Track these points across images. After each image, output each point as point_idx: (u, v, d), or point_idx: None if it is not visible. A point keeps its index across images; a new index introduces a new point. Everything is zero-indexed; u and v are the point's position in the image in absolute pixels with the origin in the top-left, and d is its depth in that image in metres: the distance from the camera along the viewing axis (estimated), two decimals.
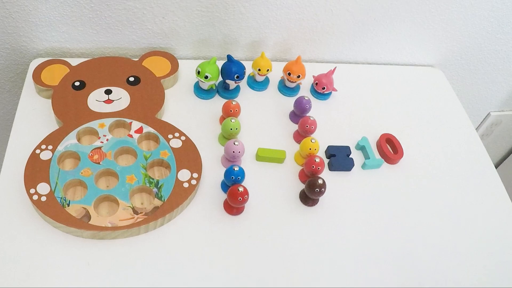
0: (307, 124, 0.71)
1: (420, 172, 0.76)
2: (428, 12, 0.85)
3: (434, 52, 0.95)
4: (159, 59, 0.80)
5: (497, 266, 0.67)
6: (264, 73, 0.79)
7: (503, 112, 1.16)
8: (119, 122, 0.70)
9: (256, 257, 0.61)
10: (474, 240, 0.69)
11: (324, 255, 0.63)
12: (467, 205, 0.73)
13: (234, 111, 0.71)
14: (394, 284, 0.62)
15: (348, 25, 0.85)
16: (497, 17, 0.89)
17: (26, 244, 0.58)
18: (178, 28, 0.81)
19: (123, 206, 0.61)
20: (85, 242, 0.59)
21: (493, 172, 0.79)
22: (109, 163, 0.65)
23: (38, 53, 0.81)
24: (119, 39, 0.81)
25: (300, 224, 0.66)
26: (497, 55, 0.98)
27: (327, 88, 0.81)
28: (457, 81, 1.03)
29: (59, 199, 0.60)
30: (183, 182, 0.64)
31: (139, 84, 0.75)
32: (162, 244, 0.60)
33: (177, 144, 0.68)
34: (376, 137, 0.78)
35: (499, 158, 1.32)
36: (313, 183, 0.64)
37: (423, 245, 0.67)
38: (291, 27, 0.84)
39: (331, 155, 0.73)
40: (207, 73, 0.74)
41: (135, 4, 0.75)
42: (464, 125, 0.86)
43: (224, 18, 0.80)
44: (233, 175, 0.63)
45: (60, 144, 0.66)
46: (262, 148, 0.71)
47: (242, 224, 0.64)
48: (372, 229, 0.67)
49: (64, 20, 0.76)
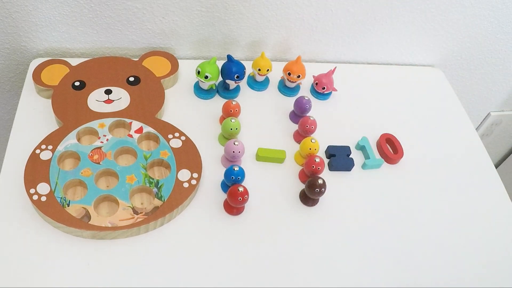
0: (307, 124, 0.71)
1: (420, 172, 0.76)
2: (428, 12, 0.85)
3: (434, 52, 0.95)
4: (159, 59, 0.80)
5: (497, 266, 0.67)
6: (264, 73, 0.79)
7: (503, 112, 1.16)
8: (119, 122, 0.70)
9: (256, 257, 0.61)
10: (474, 240, 0.69)
11: (324, 255, 0.63)
12: (467, 205, 0.73)
13: (234, 111, 0.71)
14: (394, 284, 0.62)
15: (348, 25, 0.85)
16: (497, 17, 0.89)
17: (26, 244, 0.58)
18: (178, 28, 0.81)
19: (123, 206, 0.61)
20: (85, 242, 0.59)
21: (493, 172, 0.79)
22: (109, 163, 0.65)
23: (38, 53, 0.81)
24: (119, 39, 0.81)
25: (300, 224, 0.66)
26: (497, 55, 0.98)
27: (327, 88, 0.81)
28: (457, 81, 1.03)
29: (59, 199, 0.60)
30: (183, 182, 0.64)
31: (139, 84, 0.75)
32: (162, 244, 0.60)
33: (177, 144, 0.68)
34: (376, 137, 0.78)
35: (499, 158, 1.32)
36: (313, 183, 0.64)
37: (423, 245, 0.67)
38: (291, 27, 0.84)
39: (331, 155, 0.73)
40: (207, 73, 0.74)
41: (135, 4, 0.75)
42: (464, 125, 0.86)
43: (224, 18, 0.80)
44: (233, 175, 0.63)
45: (60, 144, 0.66)
46: (262, 148, 0.71)
47: (242, 224, 0.64)
48: (372, 229, 0.67)
49: (64, 20, 0.76)
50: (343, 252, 0.64)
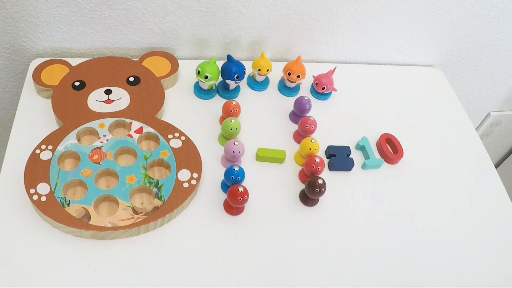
0: (307, 124, 0.71)
1: (420, 172, 0.76)
2: (428, 12, 0.85)
3: (434, 52, 0.95)
4: (159, 59, 0.80)
5: (497, 266, 0.67)
6: (264, 73, 0.79)
7: (503, 112, 1.16)
8: (119, 122, 0.70)
9: (256, 257, 0.61)
10: (474, 240, 0.69)
11: (324, 255, 0.63)
12: (467, 205, 0.73)
13: (234, 111, 0.71)
14: (394, 284, 0.62)
15: (348, 25, 0.85)
16: (497, 17, 0.89)
17: (26, 244, 0.58)
18: (178, 28, 0.81)
19: (123, 206, 0.61)
20: (85, 242, 0.59)
21: (493, 172, 0.79)
22: (109, 163, 0.65)
23: (38, 53, 0.81)
24: (119, 39, 0.81)
25: (300, 224, 0.66)
26: (497, 55, 0.98)
27: (327, 88, 0.81)
28: (457, 81, 1.03)
29: (59, 199, 0.60)
30: (183, 182, 0.64)
31: (139, 84, 0.75)
32: (162, 244, 0.60)
33: (177, 144, 0.68)
34: (376, 137, 0.78)
35: (499, 158, 1.32)
36: (313, 183, 0.64)
37: (423, 245, 0.67)
38: (291, 27, 0.84)
39: (331, 155, 0.73)
40: (207, 73, 0.74)
41: (135, 4, 0.75)
42: (464, 125, 0.86)
43: (224, 18, 0.80)
44: (233, 175, 0.63)
45: (60, 144, 0.66)
46: (262, 148, 0.71)
47: (242, 224, 0.64)
48: (372, 229, 0.67)
49: (64, 20, 0.76)
50: (343, 252, 0.64)
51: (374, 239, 0.66)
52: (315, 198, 0.67)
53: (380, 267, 0.63)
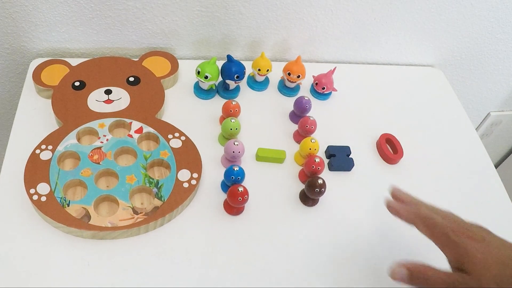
0: (307, 124, 0.71)
1: (420, 172, 0.75)
2: (428, 12, 0.85)
3: (434, 52, 0.95)
4: (159, 59, 0.80)
5: None
6: (264, 73, 0.79)
7: (503, 112, 1.16)
8: (119, 122, 0.70)
9: (256, 257, 0.61)
10: None
11: (324, 255, 0.63)
12: (467, 205, 0.73)
13: (234, 111, 0.71)
14: (395, 284, 0.62)
15: (348, 25, 0.85)
16: (497, 17, 0.89)
17: (26, 244, 0.58)
18: (178, 28, 0.81)
19: (123, 206, 0.61)
20: (85, 242, 0.59)
21: (493, 172, 0.79)
22: (109, 163, 0.65)
23: (38, 53, 0.81)
24: (119, 39, 0.81)
25: (300, 224, 0.66)
26: (497, 55, 0.98)
27: (327, 88, 0.81)
28: (457, 81, 1.03)
29: (59, 199, 0.60)
30: (183, 182, 0.64)
31: (139, 84, 0.75)
32: (162, 244, 0.60)
33: (177, 144, 0.68)
34: (376, 137, 0.78)
35: (499, 158, 1.32)
36: (313, 183, 0.64)
37: (423, 245, 0.67)
38: (291, 27, 0.84)
39: (331, 155, 0.73)
40: (207, 73, 0.74)
41: (135, 4, 0.75)
42: (464, 125, 0.86)
43: (224, 18, 0.80)
44: (233, 175, 0.63)
45: (60, 144, 0.66)
46: (262, 148, 0.71)
47: (242, 224, 0.64)
48: (372, 229, 0.67)
49: (64, 20, 0.76)
50: (343, 252, 0.64)
51: (374, 239, 0.66)
52: (315, 198, 0.67)
53: (380, 267, 0.63)
